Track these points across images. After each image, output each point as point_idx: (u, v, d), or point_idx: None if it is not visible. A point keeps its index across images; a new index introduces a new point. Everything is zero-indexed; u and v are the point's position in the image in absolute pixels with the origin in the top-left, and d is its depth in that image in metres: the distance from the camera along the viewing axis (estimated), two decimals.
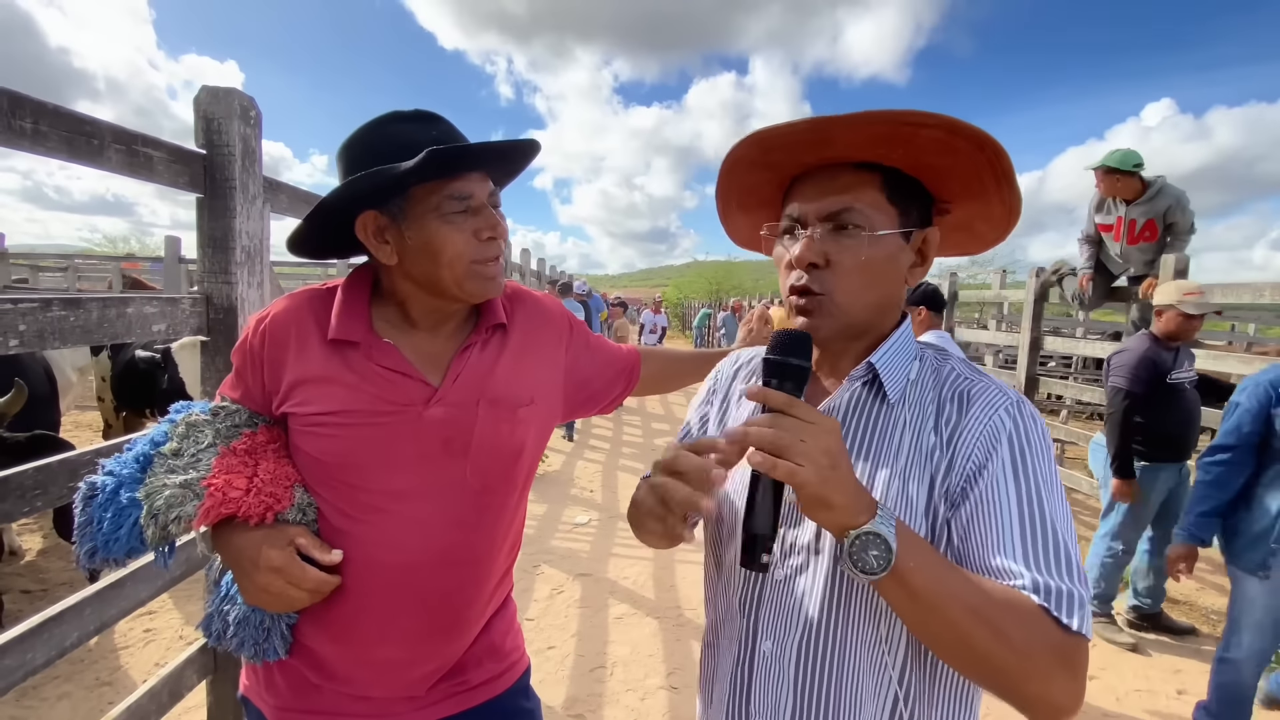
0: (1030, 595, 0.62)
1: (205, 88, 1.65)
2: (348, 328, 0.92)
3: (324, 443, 0.91)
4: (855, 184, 0.72)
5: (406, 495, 0.91)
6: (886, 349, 0.76)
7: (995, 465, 0.68)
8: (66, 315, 1.28)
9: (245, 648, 0.94)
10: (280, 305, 0.96)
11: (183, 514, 0.85)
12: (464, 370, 0.96)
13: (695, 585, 3.71)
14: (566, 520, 4.72)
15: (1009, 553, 0.65)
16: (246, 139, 1.69)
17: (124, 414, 4.48)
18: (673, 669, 2.88)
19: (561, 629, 3.21)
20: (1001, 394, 0.72)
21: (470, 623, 1.00)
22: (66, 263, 12.07)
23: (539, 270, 10.14)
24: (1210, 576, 4.07)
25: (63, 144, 1.26)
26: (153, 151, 1.47)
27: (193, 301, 1.67)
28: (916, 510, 0.69)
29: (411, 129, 0.89)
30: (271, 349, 0.93)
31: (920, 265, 0.77)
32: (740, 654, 0.78)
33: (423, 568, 0.92)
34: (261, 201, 1.78)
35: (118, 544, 0.87)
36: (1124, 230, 3.74)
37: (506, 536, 1.02)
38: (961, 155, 0.70)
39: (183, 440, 0.91)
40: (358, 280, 0.98)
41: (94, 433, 6.18)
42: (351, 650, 0.94)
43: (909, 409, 0.74)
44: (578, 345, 1.14)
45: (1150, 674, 2.93)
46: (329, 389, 0.90)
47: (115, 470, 0.89)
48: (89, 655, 2.80)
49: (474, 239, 0.89)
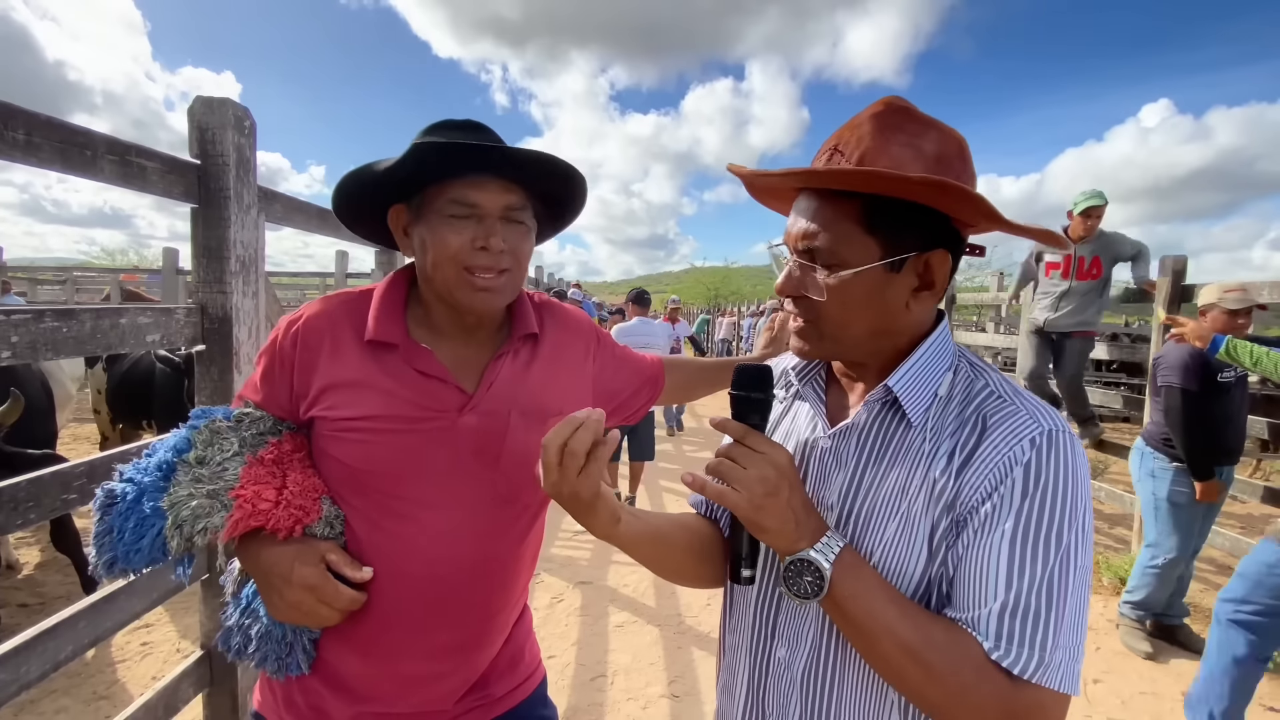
0: (986, 649, 0.61)
1: (200, 98, 1.65)
2: (386, 329, 0.90)
3: (354, 448, 0.88)
4: (829, 213, 0.69)
5: (436, 504, 0.90)
6: (908, 368, 0.72)
7: (996, 501, 0.63)
8: (59, 326, 1.28)
9: (268, 662, 0.91)
10: (314, 307, 0.94)
11: (210, 525, 0.83)
12: (497, 379, 0.94)
13: (696, 593, 3.69)
14: (567, 527, 4.70)
15: (985, 604, 0.62)
16: (241, 149, 1.69)
17: (120, 426, 4.47)
18: (674, 677, 2.86)
19: (562, 637, 3.19)
20: (1031, 421, 0.65)
21: (496, 633, 0.99)
22: (65, 275, 12.08)
23: (536, 278, 10.14)
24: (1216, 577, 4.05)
25: (56, 155, 1.26)
26: (146, 162, 1.47)
27: (187, 311, 1.66)
28: (920, 538, 0.67)
29: (452, 134, 0.88)
30: (304, 351, 0.91)
31: (927, 289, 0.71)
32: (756, 658, 0.80)
33: (451, 578, 0.91)
34: (256, 211, 1.78)
35: (139, 555, 0.84)
36: (1074, 267, 4.04)
37: (531, 546, 1.02)
38: (941, 200, 0.66)
39: (207, 448, 0.88)
40: (396, 283, 0.97)
41: (92, 445, 6.16)
42: (377, 665, 0.92)
43: (930, 430, 0.70)
44: (605, 356, 1.14)
45: (1156, 677, 2.91)
46: (363, 393, 0.89)
47: (136, 478, 0.86)
48: (86, 669, 2.77)
49: (468, 246, 0.86)
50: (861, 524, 0.72)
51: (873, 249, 0.69)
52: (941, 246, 0.70)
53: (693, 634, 3.25)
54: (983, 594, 0.62)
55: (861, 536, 0.71)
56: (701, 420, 8.97)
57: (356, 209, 0.96)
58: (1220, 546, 3.48)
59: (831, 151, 0.71)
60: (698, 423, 8.79)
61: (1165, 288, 3.72)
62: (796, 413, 0.84)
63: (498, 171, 0.87)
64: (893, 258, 0.68)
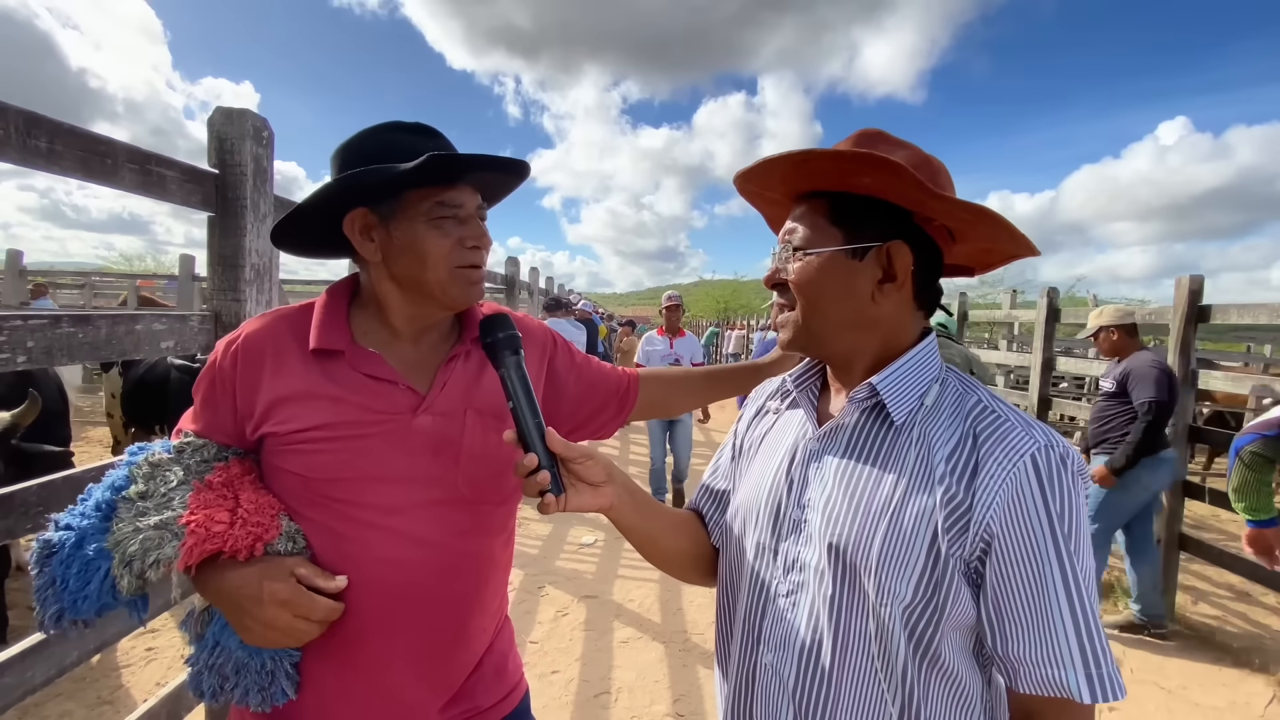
0: (1084, 701, 0.64)
1: (219, 109, 1.68)
2: (330, 337, 0.91)
3: (309, 459, 0.88)
4: (804, 210, 0.79)
5: (399, 509, 0.89)
6: (894, 369, 0.75)
7: (1024, 535, 0.65)
8: (75, 332, 1.29)
9: (250, 696, 0.87)
10: (254, 324, 0.94)
11: (160, 557, 0.78)
12: (450, 379, 0.95)
13: (703, 609, 3.65)
14: (572, 540, 4.68)
15: (1063, 665, 0.64)
16: (259, 159, 1.72)
17: (133, 430, 4.51)
18: (679, 695, 2.83)
19: (565, 653, 3.16)
20: (1027, 436, 0.68)
21: (474, 636, 0.98)
22: (84, 280, 12.26)
23: (546, 289, 10.19)
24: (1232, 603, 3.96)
25: (78, 163, 1.28)
26: (166, 171, 1.49)
27: (201, 319, 1.68)
28: (910, 539, 0.68)
29: (410, 139, 0.91)
30: (245, 369, 0.90)
31: (891, 281, 0.75)
32: (743, 662, 0.80)
33: (423, 582, 0.90)
34: (272, 220, 1.80)
35: (87, 601, 0.79)
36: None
37: (503, 544, 1.02)
38: (869, 174, 0.71)
39: (149, 481, 0.84)
40: (337, 292, 0.97)
41: (104, 448, 6.22)
42: (358, 677, 0.90)
43: (918, 435, 0.72)
44: (563, 363, 1.13)
45: (1173, 706, 2.84)
46: (311, 404, 0.88)
47: (74, 523, 0.81)
48: (90, 673, 2.78)
49: (459, 246, 0.90)
50: (849, 523, 0.72)
51: (838, 238, 0.76)
52: (900, 239, 0.74)
53: (698, 651, 3.21)
54: (1057, 654, 0.64)
55: (849, 535, 0.71)
56: (709, 433, 8.92)
57: (308, 227, 0.95)
58: (1240, 573, 3.41)
59: None
60: (704, 435, 8.73)
61: (1182, 307, 3.67)
62: (788, 420, 0.88)
63: (471, 173, 0.92)
64: (854, 246, 0.75)
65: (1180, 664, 3.20)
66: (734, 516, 0.88)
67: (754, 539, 0.82)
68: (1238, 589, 4.22)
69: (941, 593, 0.67)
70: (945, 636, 0.68)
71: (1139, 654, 3.27)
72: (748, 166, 0.80)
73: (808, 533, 0.76)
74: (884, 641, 0.69)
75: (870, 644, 0.70)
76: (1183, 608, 3.78)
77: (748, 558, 0.83)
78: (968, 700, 0.70)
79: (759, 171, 0.79)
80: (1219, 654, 3.30)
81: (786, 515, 0.79)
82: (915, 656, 0.68)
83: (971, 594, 0.68)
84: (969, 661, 0.71)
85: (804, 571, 0.75)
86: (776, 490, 0.81)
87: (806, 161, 0.73)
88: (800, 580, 0.76)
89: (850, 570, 0.71)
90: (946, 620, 0.67)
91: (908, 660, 0.68)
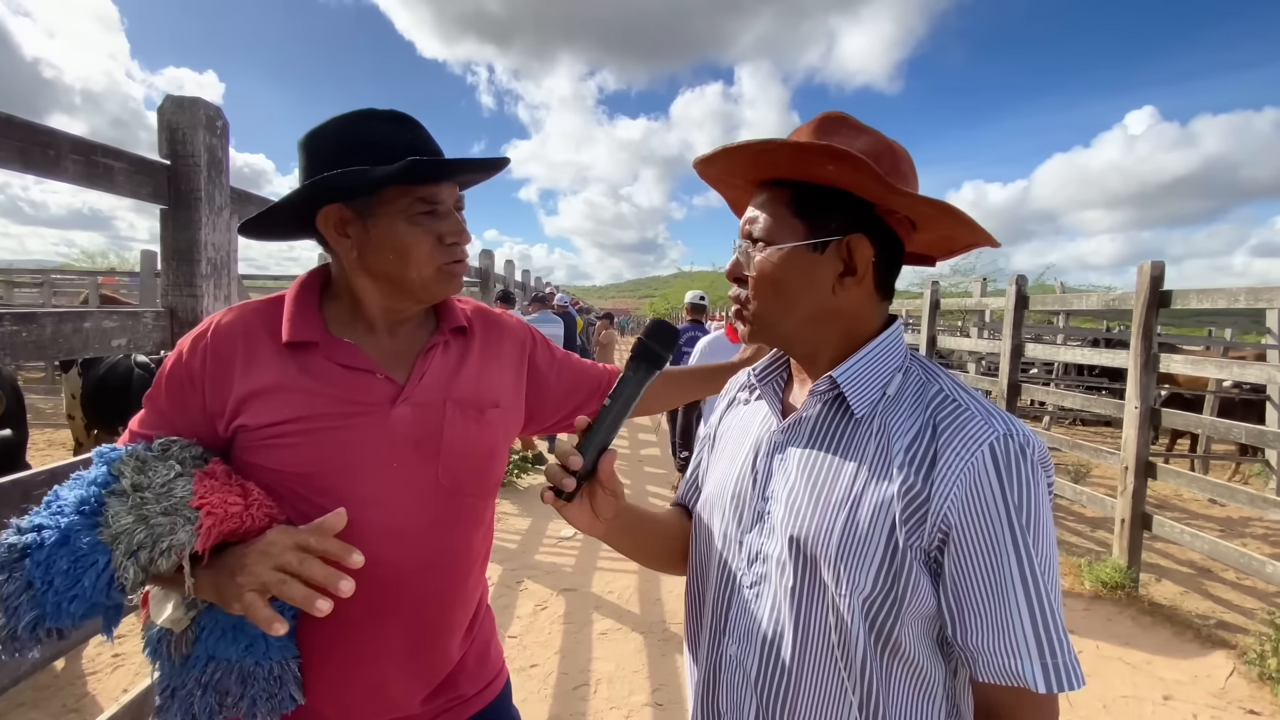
0: (1039, 690, 0.64)
1: (170, 97, 1.62)
2: (303, 329, 0.89)
3: (286, 453, 0.85)
4: (765, 199, 0.77)
5: (379, 501, 0.88)
6: (854, 361, 0.75)
7: (982, 527, 0.65)
8: (19, 330, 1.24)
9: (259, 705, 0.82)
10: (220, 319, 0.91)
11: (174, 543, 0.73)
12: (429, 369, 0.94)
13: (681, 600, 3.66)
14: (552, 533, 4.67)
15: (1019, 657, 0.65)
16: (213, 149, 1.66)
17: (95, 432, 4.38)
18: (658, 685, 2.84)
19: (545, 646, 3.16)
20: (985, 424, 0.67)
21: (455, 626, 0.98)
22: (42, 278, 11.87)
23: (523, 282, 10.10)
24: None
25: (15, 154, 1.22)
26: (113, 162, 1.43)
27: (155, 315, 1.62)
28: (868, 531, 0.68)
29: (386, 129, 0.88)
30: (214, 365, 0.87)
31: (851, 275, 0.74)
32: (710, 653, 0.80)
33: (404, 575, 0.89)
34: (229, 213, 1.75)
35: (76, 603, 0.72)
36: None
37: (483, 535, 1.01)
38: (831, 164, 0.70)
39: (140, 474, 0.79)
40: (308, 284, 0.95)
41: (66, 451, 6.04)
42: (342, 671, 0.89)
43: (879, 426, 0.72)
44: (543, 358, 1.13)
45: (1138, 681, 2.93)
46: (285, 396, 0.86)
47: (51, 522, 0.74)
48: (56, 681, 2.71)
49: (439, 242, 0.89)
50: (809, 515, 0.72)
51: (799, 231, 0.74)
52: (862, 230, 0.73)
53: (677, 641, 3.22)
54: (1013, 644, 0.64)
55: (809, 527, 0.71)
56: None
57: (279, 220, 0.93)
58: (1200, 550, 3.51)
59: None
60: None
61: (1144, 293, 3.76)
62: (754, 412, 0.87)
63: (451, 176, 0.92)
64: (815, 239, 0.74)
65: (1144, 639, 3.30)
66: (703, 507, 0.88)
67: (720, 530, 0.82)
68: (1199, 565, 4.36)
69: (901, 583, 0.67)
70: (906, 626, 0.68)
71: (1105, 629, 3.37)
72: (708, 153, 0.78)
73: (770, 524, 0.76)
74: (844, 633, 0.69)
75: (830, 635, 0.70)
76: (1146, 584, 3.89)
77: (715, 548, 0.83)
78: (929, 689, 0.71)
79: (720, 158, 0.77)
80: (1181, 629, 3.41)
81: (751, 507, 0.79)
82: (876, 647, 0.68)
83: (931, 584, 0.68)
84: (931, 651, 0.71)
85: (766, 563, 0.75)
86: (742, 482, 0.81)
87: (767, 151, 0.72)
88: (763, 572, 0.75)
89: (810, 562, 0.71)
90: (906, 610, 0.67)
91: (868, 651, 0.68)
